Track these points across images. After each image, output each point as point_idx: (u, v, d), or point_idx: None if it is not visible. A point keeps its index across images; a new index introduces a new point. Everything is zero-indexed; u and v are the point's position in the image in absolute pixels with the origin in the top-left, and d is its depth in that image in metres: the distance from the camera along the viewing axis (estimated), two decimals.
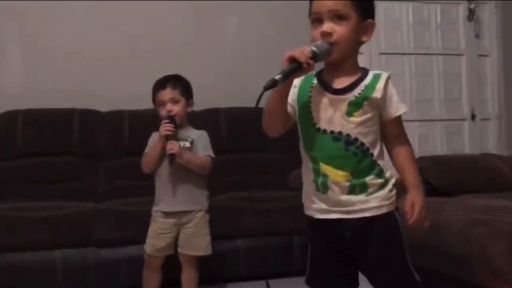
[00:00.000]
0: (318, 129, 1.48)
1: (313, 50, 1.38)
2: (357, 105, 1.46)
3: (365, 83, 1.48)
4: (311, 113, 1.49)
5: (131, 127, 3.51)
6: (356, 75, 1.50)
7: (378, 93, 1.47)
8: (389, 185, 1.51)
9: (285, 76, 1.35)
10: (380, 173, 1.49)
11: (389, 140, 1.54)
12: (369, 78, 1.49)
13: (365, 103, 1.46)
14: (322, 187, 1.49)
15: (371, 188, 1.48)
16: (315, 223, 1.54)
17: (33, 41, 3.75)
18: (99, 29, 3.80)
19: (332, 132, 1.46)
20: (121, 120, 3.54)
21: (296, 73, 1.38)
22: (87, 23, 3.80)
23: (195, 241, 2.43)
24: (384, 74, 1.50)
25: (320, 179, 1.48)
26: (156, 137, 2.44)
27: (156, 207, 2.46)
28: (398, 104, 1.50)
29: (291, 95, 1.49)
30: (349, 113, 1.46)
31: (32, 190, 3.26)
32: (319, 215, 1.51)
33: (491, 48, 4.66)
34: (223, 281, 2.97)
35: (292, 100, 1.52)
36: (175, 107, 2.42)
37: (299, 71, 1.38)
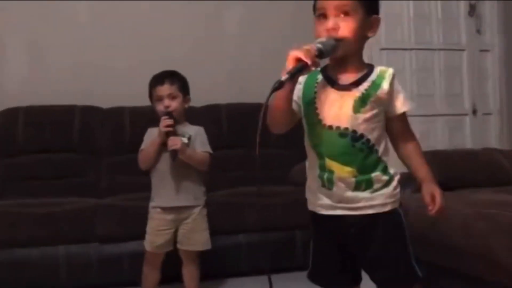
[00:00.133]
0: (324, 125, 1.47)
1: (319, 48, 1.37)
2: (364, 101, 1.45)
3: (371, 79, 1.48)
4: (316, 109, 1.48)
5: (132, 123, 3.51)
6: (362, 71, 1.50)
7: (385, 89, 1.47)
8: (394, 183, 1.51)
9: (291, 77, 1.34)
10: (385, 170, 1.50)
11: (396, 136, 1.54)
12: (375, 74, 1.49)
13: (372, 99, 1.46)
14: (327, 182, 1.49)
15: (376, 184, 1.48)
16: (319, 218, 1.54)
17: (33, 38, 3.74)
18: (100, 27, 3.80)
19: (338, 128, 1.46)
20: (122, 117, 3.55)
21: (302, 72, 1.37)
22: (88, 21, 3.80)
23: (194, 237, 2.43)
24: (390, 70, 1.50)
25: (325, 175, 1.49)
26: (153, 133, 2.42)
27: (153, 203, 2.45)
28: (404, 100, 1.51)
29: (296, 92, 1.48)
30: (356, 109, 1.45)
31: (34, 187, 3.27)
32: (324, 211, 1.52)
33: (493, 43, 4.64)
34: (225, 276, 2.98)
35: (297, 97, 1.51)
36: (173, 102, 2.41)
37: (305, 70, 1.36)
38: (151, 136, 2.44)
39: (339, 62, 1.49)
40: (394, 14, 4.36)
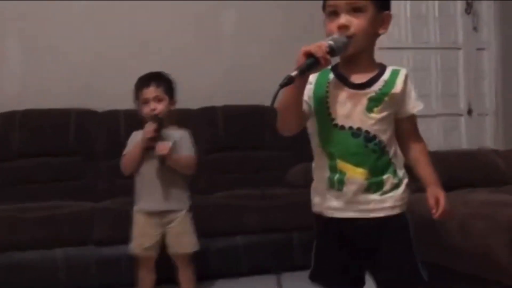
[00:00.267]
0: (336, 125, 1.44)
1: (330, 45, 1.34)
2: (377, 101, 1.43)
3: (384, 78, 1.46)
4: (328, 108, 1.45)
5: (127, 126, 3.50)
6: (373, 69, 1.48)
7: (398, 89, 1.45)
8: (403, 186, 1.49)
9: (301, 72, 1.30)
10: (395, 172, 1.48)
11: (404, 137, 1.53)
12: (387, 74, 1.47)
13: (386, 99, 1.44)
14: (338, 184, 1.45)
15: (386, 186, 1.46)
16: (325, 220, 1.51)
17: (30, 42, 3.74)
18: (96, 30, 3.79)
19: (351, 128, 1.43)
20: (118, 120, 3.54)
21: (313, 69, 1.33)
22: (84, 24, 3.79)
23: (182, 239, 2.41)
24: (403, 70, 1.49)
25: (336, 176, 1.45)
26: (137, 137, 2.40)
27: (136, 207, 2.43)
28: (415, 101, 1.50)
29: (306, 91, 1.43)
30: (369, 109, 1.43)
31: (31, 191, 3.27)
32: (333, 213, 1.49)
33: (489, 41, 4.64)
34: (223, 277, 2.98)
35: (307, 97, 1.46)
36: (159, 105, 2.38)
37: (316, 67, 1.33)
38: (134, 140, 2.42)
39: (350, 60, 1.46)
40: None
